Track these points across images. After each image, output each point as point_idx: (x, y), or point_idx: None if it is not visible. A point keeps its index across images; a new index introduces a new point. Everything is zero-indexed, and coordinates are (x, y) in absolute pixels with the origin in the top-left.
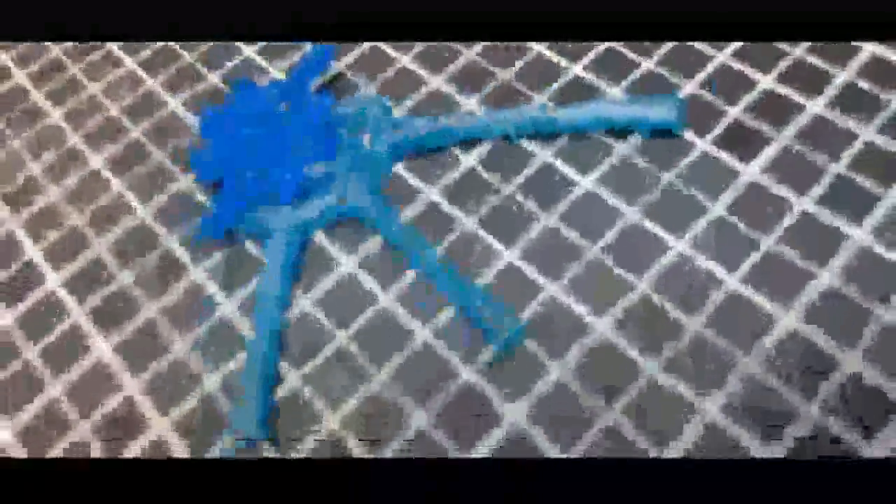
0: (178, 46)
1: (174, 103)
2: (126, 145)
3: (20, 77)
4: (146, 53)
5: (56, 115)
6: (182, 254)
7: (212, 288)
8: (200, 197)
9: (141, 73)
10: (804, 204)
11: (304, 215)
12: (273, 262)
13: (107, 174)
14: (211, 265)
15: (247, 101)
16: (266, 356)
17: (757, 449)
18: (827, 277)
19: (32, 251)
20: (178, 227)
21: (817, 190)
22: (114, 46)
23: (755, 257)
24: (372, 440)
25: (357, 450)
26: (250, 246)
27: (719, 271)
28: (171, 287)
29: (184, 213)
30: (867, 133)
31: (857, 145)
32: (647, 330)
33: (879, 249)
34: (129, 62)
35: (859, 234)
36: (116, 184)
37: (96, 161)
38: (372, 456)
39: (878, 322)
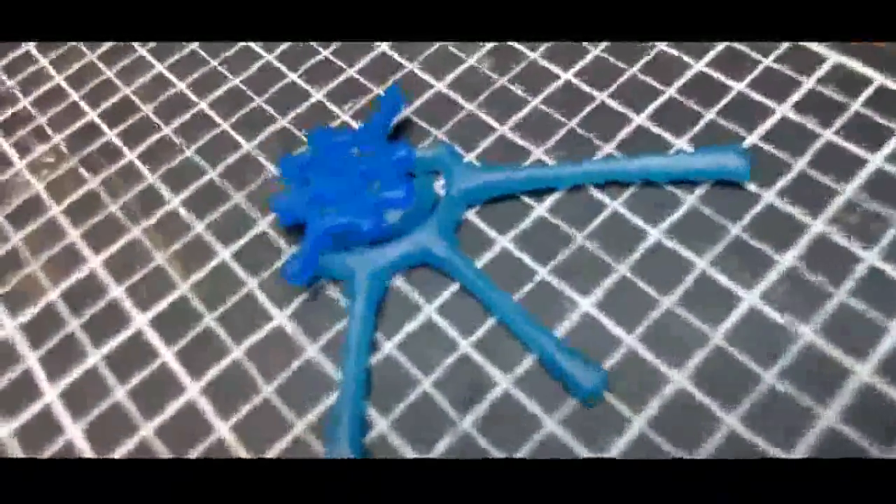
0: (247, 90)
1: (248, 146)
2: (203, 187)
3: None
4: (214, 96)
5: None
6: (264, 298)
7: (295, 331)
8: (279, 240)
9: (212, 114)
10: (872, 259)
11: (383, 260)
12: (357, 306)
13: (187, 216)
14: (293, 309)
15: (324, 147)
16: (356, 400)
17: None
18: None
19: (117, 289)
20: (260, 270)
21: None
22: (184, 88)
23: (828, 309)
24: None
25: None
26: (331, 290)
27: (792, 324)
28: (257, 330)
29: (265, 257)
30: None
31: None
32: (723, 382)
33: None
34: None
35: None
36: (197, 224)
37: (175, 202)
38: None
39: None
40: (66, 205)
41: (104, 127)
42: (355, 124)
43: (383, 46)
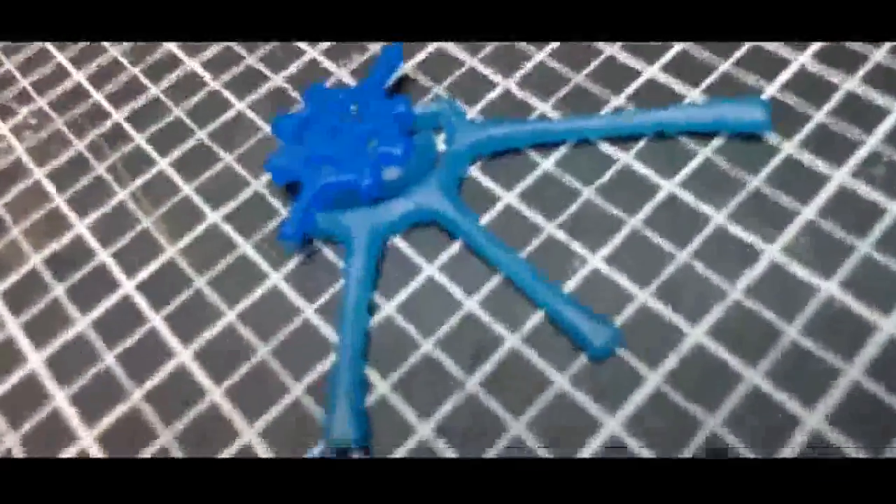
0: (238, 47)
1: (240, 105)
2: (193, 148)
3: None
4: (207, 54)
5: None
6: (258, 260)
7: (291, 294)
8: (273, 200)
9: (203, 73)
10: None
11: (382, 219)
12: (355, 267)
13: (176, 178)
14: (289, 271)
15: (319, 104)
16: (355, 362)
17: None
18: None
19: (104, 254)
20: (253, 232)
21: None
22: (173, 46)
23: (851, 262)
24: (466, 447)
25: (452, 456)
26: (327, 251)
27: (814, 278)
28: (251, 293)
29: (258, 218)
30: None
31: None
32: (743, 338)
33: None
34: (191, 63)
35: None
36: (186, 188)
37: (164, 163)
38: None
39: None
40: (50, 169)
41: (91, 89)
42: (352, 82)
43: None
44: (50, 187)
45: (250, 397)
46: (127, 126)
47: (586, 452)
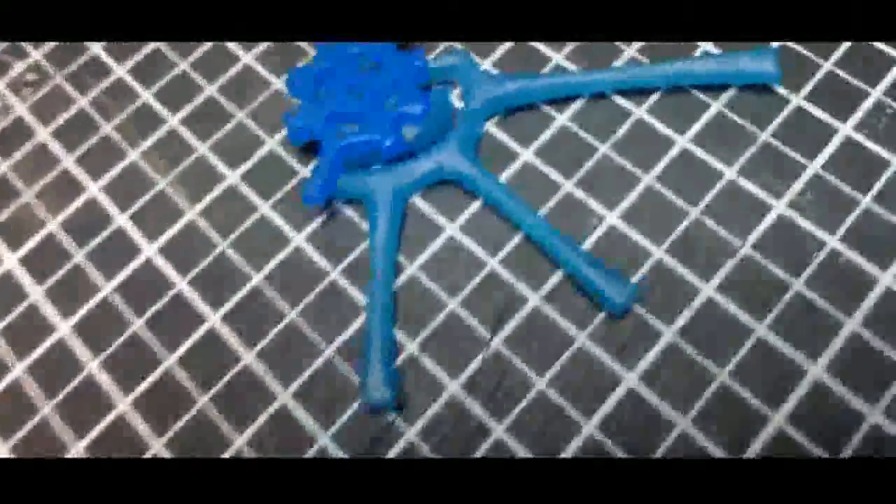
0: None
1: (248, 58)
2: (203, 103)
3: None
4: None
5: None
6: (280, 222)
7: (315, 255)
8: (289, 159)
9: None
10: None
11: (404, 180)
12: (380, 229)
13: (190, 138)
14: (311, 231)
15: (334, 59)
16: (385, 324)
17: (862, 405)
18: None
19: (122, 219)
20: (272, 192)
21: None
22: None
23: (854, 217)
24: (494, 403)
25: (481, 412)
26: (348, 210)
27: (819, 232)
28: (275, 255)
29: (277, 179)
30: None
31: None
32: (752, 292)
33: None
34: None
35: None
36: (201, 147)
37: (174, 121)
38: (496, 419)
39: None
40: (55, 127)
41: (92, 44)
42: None
43: None
44: (58, 149)
45: (283, 360)
46: (132, 81)
47: (606, 408)
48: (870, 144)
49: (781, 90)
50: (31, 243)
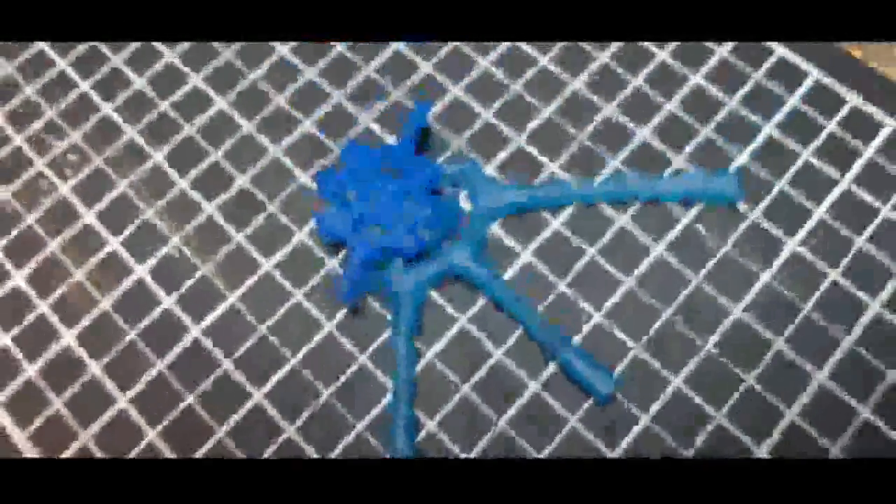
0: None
1: (274, 150)
2: (237, 193)
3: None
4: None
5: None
6: (308, 306)
7: (344, 341)
8: (317, 251)
9: (232, 113)
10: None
11: (423, 278)
12: (402, 321)
13: (222, 223)
14: (340, 320)
15: (357, 163)
16: (408, 405)
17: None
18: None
19: (169, 301)
20: (304, 283)
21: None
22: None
23: (798, 321)
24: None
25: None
26: (373, 302)
27: (768, 334)
28: (312, 339)
29: (306, 269)
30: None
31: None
32: (714, 386)
33: None
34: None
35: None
36: (238, 236)
37: (210, 208)
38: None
39: None
40: (97, 210)
41: (120, 122)
42: (377, 128)
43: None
44: (102, 229)
45: (320, 434)
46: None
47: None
48: (812, 257)
49: (742, 207)
50: (87, 321)
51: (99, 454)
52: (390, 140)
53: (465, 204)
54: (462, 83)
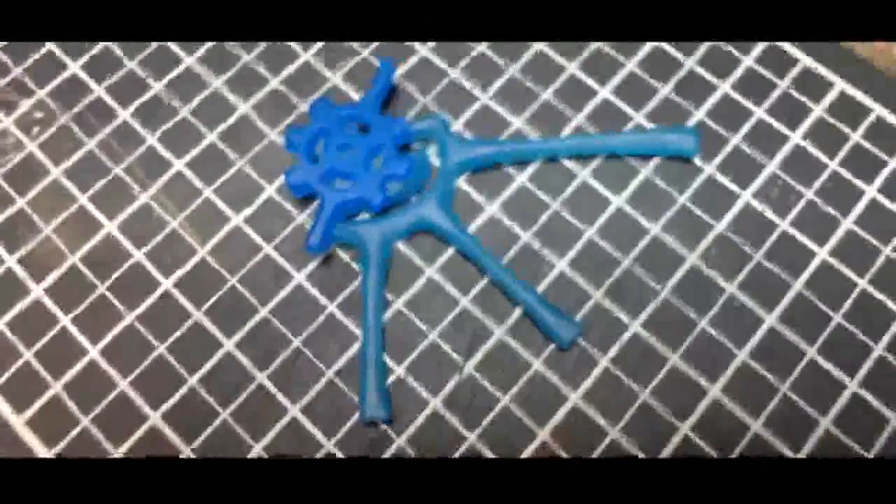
0: (237, 45)
1: (244, 108)
2: (204, 149)
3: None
4: (200, 52)
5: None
6: (284, 263)
7: (313, 291)
8: (287, 206)
9: (202, 70)
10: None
11: (391, 230)
12: (371, 271)
13: (196, 182)
14: (310, 272)
15: (325, 120)
16: (377, 351)
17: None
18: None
19: (138, 253)
20: (275, 237)
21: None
22: (172, 46)
23: (749, 269)
24: (469, 418)
25: (457, 423)
26: (342, 254)
27: (721, 281)
28: (282, 290)
29: (276, 222)
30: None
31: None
32: (669, 328)
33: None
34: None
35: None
36: (207, 191)
37: (178, 164)
38: (468, 430)
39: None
40: (65, 167)
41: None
42: (344, 86)
43: None
44: (72, 187)
45: (290, 381)
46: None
47: (556, 419)
48: (762, 208)
49: (698, 161)
50: (56, 274)
51: (70, 404)
52: (356, 97)
53: (433, 159)
54: (428, 44)
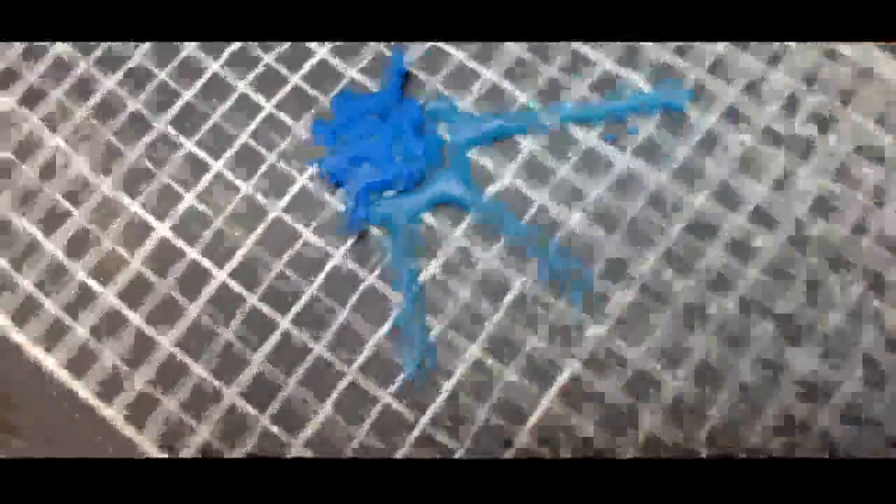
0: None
1: (268, 106)
2: (239, 149)
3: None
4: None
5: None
6: (317, 241)
7: (353, 266)
8: (320, 193)
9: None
10: None
11: (415, 205)
12: (402, 243)
13: (231, 179)
14: (348, 248)
15: (348, 111)
16: (419, 312)
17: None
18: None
19: (192, 251)
20: (312, 220)
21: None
22: (192, 46)
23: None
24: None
25: (494, 363)
26: (374, 230)
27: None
28: (324, 268)
29: (311, 209)
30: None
31: None
32: (687, 262)
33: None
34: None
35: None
36: (242, 186)
37: (218, 165)
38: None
39: None
40: (114, 178)
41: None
42: (360, 77)
43: None
44: (122, 197)
45: (344, 345)
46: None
47: (572, 366)
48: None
49: (693, 114)
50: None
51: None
52: (373, 87)
53: (446, 136)
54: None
